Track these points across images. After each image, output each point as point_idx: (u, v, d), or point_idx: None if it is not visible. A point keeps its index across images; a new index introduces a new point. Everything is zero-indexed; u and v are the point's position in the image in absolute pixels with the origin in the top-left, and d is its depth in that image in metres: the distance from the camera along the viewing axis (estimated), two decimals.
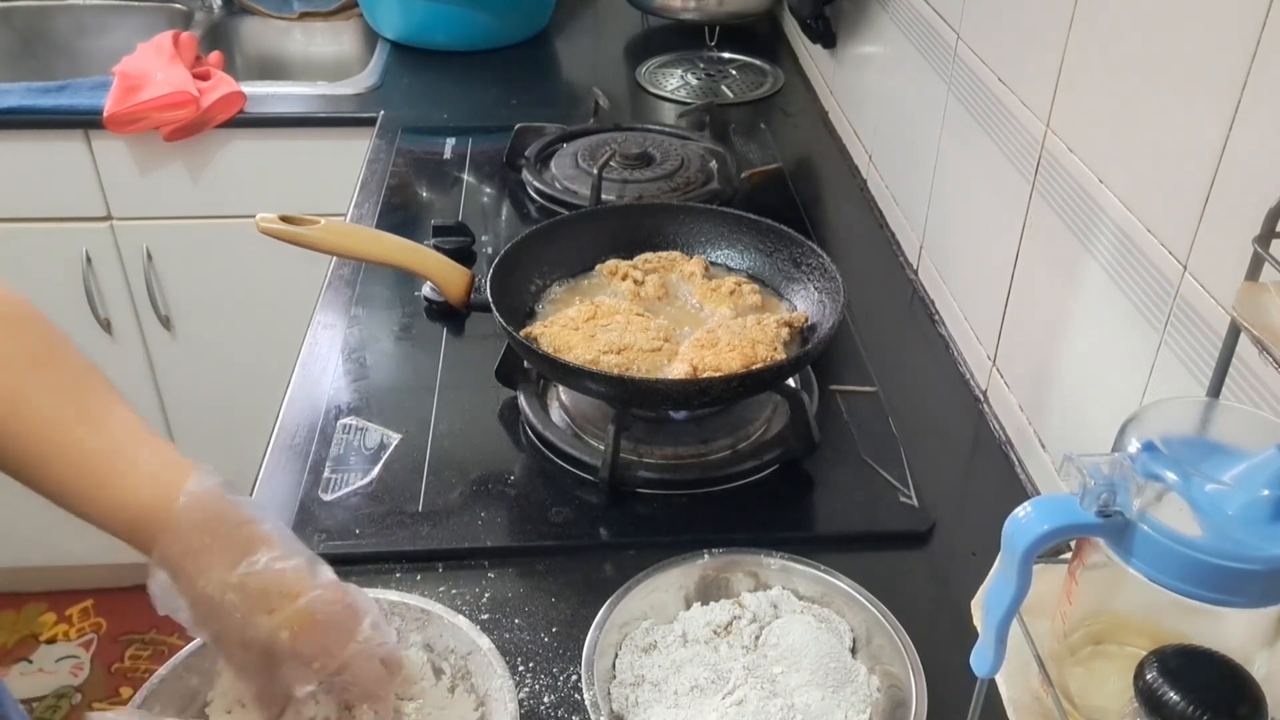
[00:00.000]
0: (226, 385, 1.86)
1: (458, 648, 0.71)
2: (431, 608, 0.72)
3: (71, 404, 0.63)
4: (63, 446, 0.61)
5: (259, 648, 0.62)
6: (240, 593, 0.61)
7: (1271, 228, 0.57)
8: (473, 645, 0.70)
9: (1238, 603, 0.47)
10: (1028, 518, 0.49)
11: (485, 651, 0.69)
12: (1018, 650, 0.55)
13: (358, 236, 1.04)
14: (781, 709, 0.68)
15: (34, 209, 1.70)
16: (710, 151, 1.44)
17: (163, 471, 0.62)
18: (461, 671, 0.71)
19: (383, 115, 1.63)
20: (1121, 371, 0.80)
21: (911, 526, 0.89)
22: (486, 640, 0.70)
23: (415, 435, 0.97)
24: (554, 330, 0.95)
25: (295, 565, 0.63)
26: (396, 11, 1.85)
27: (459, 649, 0.71)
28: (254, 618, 0.61)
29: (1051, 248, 0.91)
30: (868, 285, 1.24)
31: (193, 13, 2.00)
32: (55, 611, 2.10)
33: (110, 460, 0.62)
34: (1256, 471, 0.46)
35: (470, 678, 0.70)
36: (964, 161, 1.11)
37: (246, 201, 1.66)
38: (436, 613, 0.72)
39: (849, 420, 1.00)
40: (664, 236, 1.10)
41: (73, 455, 0.61)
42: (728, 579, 0.78)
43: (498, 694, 0.67)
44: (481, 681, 0.69)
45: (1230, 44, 0.66)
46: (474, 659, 0.70)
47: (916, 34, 1.25)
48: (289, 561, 0.62)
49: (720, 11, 1.83)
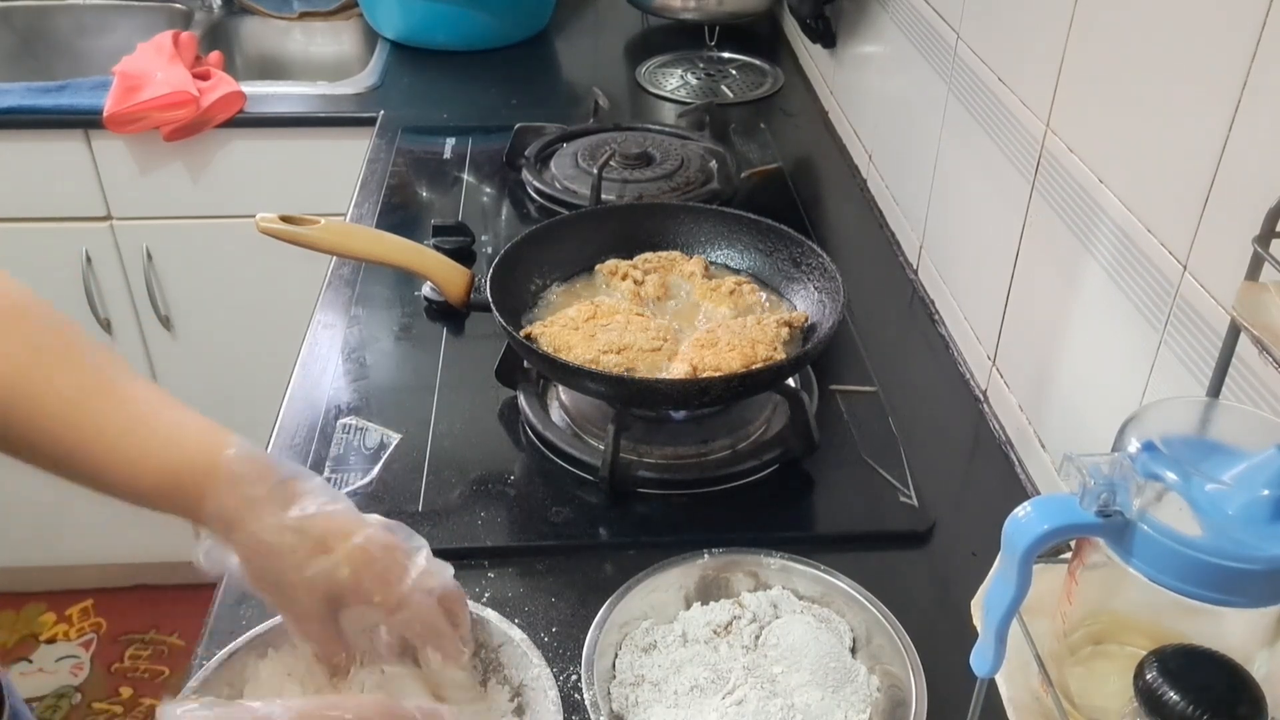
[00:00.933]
0: (226, 385, 1.86)
1: (488, 641, 0.71)
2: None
3: (93, 381, 0.63)
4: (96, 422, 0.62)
5: (321, 588, 0.62)
6: (298, 534, 0.62)
7: (1271, 228, 0.57)
8: (505, 637, 0.70)
9: (1238, 603, 0.47)
10: (1028, 518, 0.49)
11: (518, 642, 0.69)
12: (1018, 650, 0.55)
13: (358, 236, 1.04)
14: (781, 709, 0.68)
15: (34, 209, 1.70)
16: (710, 151, 1.44)
17: (204, 433, 0.63)
18: (493, 664, 0.71)
19: (383, 115, 1.63)
20: (1121, 371, 0.80)
21: (911, 526, 0.89)
22: (519, 632, 0.70)
23: (415, 435, 0.97)
24: (554, 330, 0.95)
25: (345, 508, 0.64)
26: (396, 11, 1.85)
27: (489, 642, 0.71)
28: (314, 558, 0.62)
29: (1051, 248, 0.91)
30: (868, 285, 1.24)
31: (193, 13, 2.00)
32: (55, 611, 2.10)
33: (150, 428, 0.63)
34: (1256, 471, 0.46)
35: (503, 669, 0.70)
36: (964, 161, 1.11)
37: (246, 201, 1.66)
38: None
39: (849, 420, 1.00)
40: (664, 236, 1.10)
41: (108, 428, 0.62)
42: (728, 579, 0.78)
43: (535, 683, 0.67)
44: (515, 673, 0.69)
45: (1230, 44, 0.66)
46: (505, 650, 0.70)
47: (916, 34, 1.25)
48: (338, 504, 0.64)
49: (720, 11, 1.83)
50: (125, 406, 0.63)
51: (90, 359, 0.64)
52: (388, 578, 0.64)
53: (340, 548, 0.63)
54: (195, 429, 0.64)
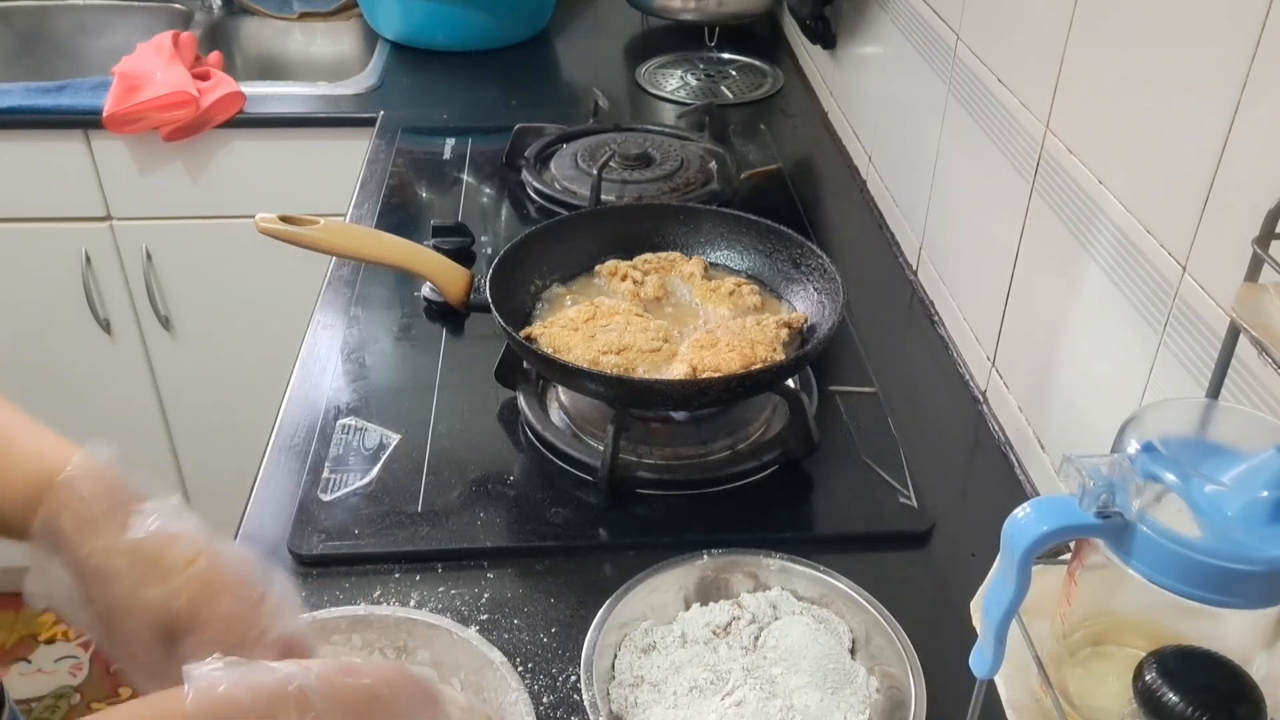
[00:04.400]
0: (226, 385, 1.86)
1: (468, 663, 0.69)
2: (440, 623, 0.70)
3: None
4: None
5: (152, 617, 0.56)
6: (130, 556, 0.55)
7: (1271, 229, 0.57)
8: (484, 660, 0.68)
9: (1237, 604, 0.47)
10: (1027, 518, 0.49)
11: (498, 665, 0.67)
12: (1017, 651, 0.55)
13: (357, 236, 1.04)
14: (780, 710, 0.68)
15: (34, 209, 1.70)
16: (710, 152, 1.44)
17: (48, 450, 0.58)
18: (473, 687, 0.69)
19: (383, 115, 1.63)
20: (1121, 372, 0.80)
21: (911, 527, 0.89)
22: (498, 654, 0.68)
23: (415, 435, 0.97)
24: (553, 330, 0.95)
25: (190, 529, 0.57)
26: (396, 11, 1.85)
27: (469, 664, 0.69)
28: (146, 584, 0.55)
29: (1051, 248, 0.91)
30: (867, 286, 1.24)
31: (193, 13, 2.00)
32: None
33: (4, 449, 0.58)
34: (1255, 473, 0.46)
35: (482, 692, 0.68)
36: (964, 162, 1.11)
37: (246, 201, 1.66)
38: (445, 627, 0.70)
39: (848, 421, 1.00)
40: (663, 237, 1.10)
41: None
42: (727, 580, 0.78)
43: (512, 708, 0.66)
44: (494, 696, 0.68)
45: (1230, 44, 0.66)
46: (485, 674, 0.68)
47: (916, 34, 1.25)
48: (183, 524, 0.57)
49: (720, 12, 1.83)
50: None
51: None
52: (230, 612, 0.57)
53: (178, 573, 0.56)
54: (40, 446, 0.58)
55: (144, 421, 1.89)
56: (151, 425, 1.90)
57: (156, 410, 1.91)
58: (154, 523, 0.57)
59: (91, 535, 0.56)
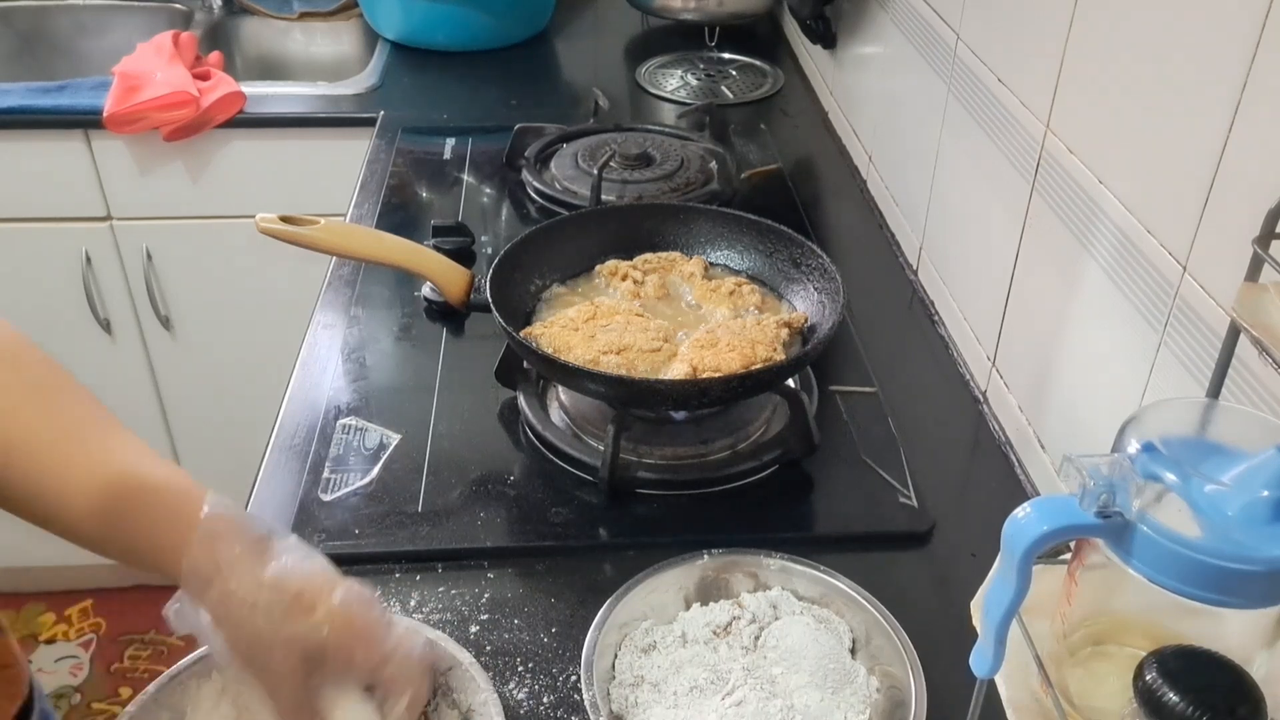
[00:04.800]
0: (226, 385, 1.86)
1: (437, 664, 0.69)
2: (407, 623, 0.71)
3: (77, 434, 0.63)
4: (80, 478, 0.62)
5: (299, 648, 0.60)
6: (276, 591, 0.60)
7: (1271, 228, 0.57)
8: (453, 660, 0.69)
9: (1237, 603, 0.47)
10: (1027, 518, 0.49)
11: (466, 666, 0.68)
12: (1017, 651, 0.55)
13: (357, 236, 1.04)
14: (781, 710, 0.68)
15: (34, 209, 1.70)
16: (710, 152, 1.44)
17: (179, 485, 0.63)
18: (442, 688, 0.70)
19: (383, 115, 1.63)
20: (1121, 372, 0.80)
21: (911, 527, 0.89)
22: (467, 655, 0.69)
23: (415, 435, 0.97)
24: (554, 330, 0.95)
25: (321, 566, 0.63)
26: (396, 11, 1.85)
27: (438, 665, 0.69)
28: (292, 617, 0.60)
29: (1051, 248, 0.91)
30: (868, 286, 1.24)
31: (193, 13, 2.00)
32: (55, 611, 2.10)
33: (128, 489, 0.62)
34: (1256, 472, 0.46)
35: (451, 693, 0.69)
36: (964, 162, 1.11)
37: (246, 201, 1.66)
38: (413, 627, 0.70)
39: (849, 421, 1.00)
40: (664, 237, 1.10)
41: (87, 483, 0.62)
42: (727, 579, 0.78)
43: (482, 708, 0.66)
44: (464, 697, 0.68)
45: (1230, 44, 0.66)
46: (454, 674, 0.69)
47: (916, 34, 1.25)
48: (314, 562, 0.63)
49: (720, 12, 1.83)
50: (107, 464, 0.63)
51: (78, 410, 0.65)
52: (370, 636, 0.62)
53: (320, 606, 0.61)
54: (179, 482, 0.63)
55: (144, 421, 1.89)
56: (151, 425, 1.90)
57: (157, 410, 1.91)
58: (289, 560, 0.62)
59: (237, 571, 0.60)
